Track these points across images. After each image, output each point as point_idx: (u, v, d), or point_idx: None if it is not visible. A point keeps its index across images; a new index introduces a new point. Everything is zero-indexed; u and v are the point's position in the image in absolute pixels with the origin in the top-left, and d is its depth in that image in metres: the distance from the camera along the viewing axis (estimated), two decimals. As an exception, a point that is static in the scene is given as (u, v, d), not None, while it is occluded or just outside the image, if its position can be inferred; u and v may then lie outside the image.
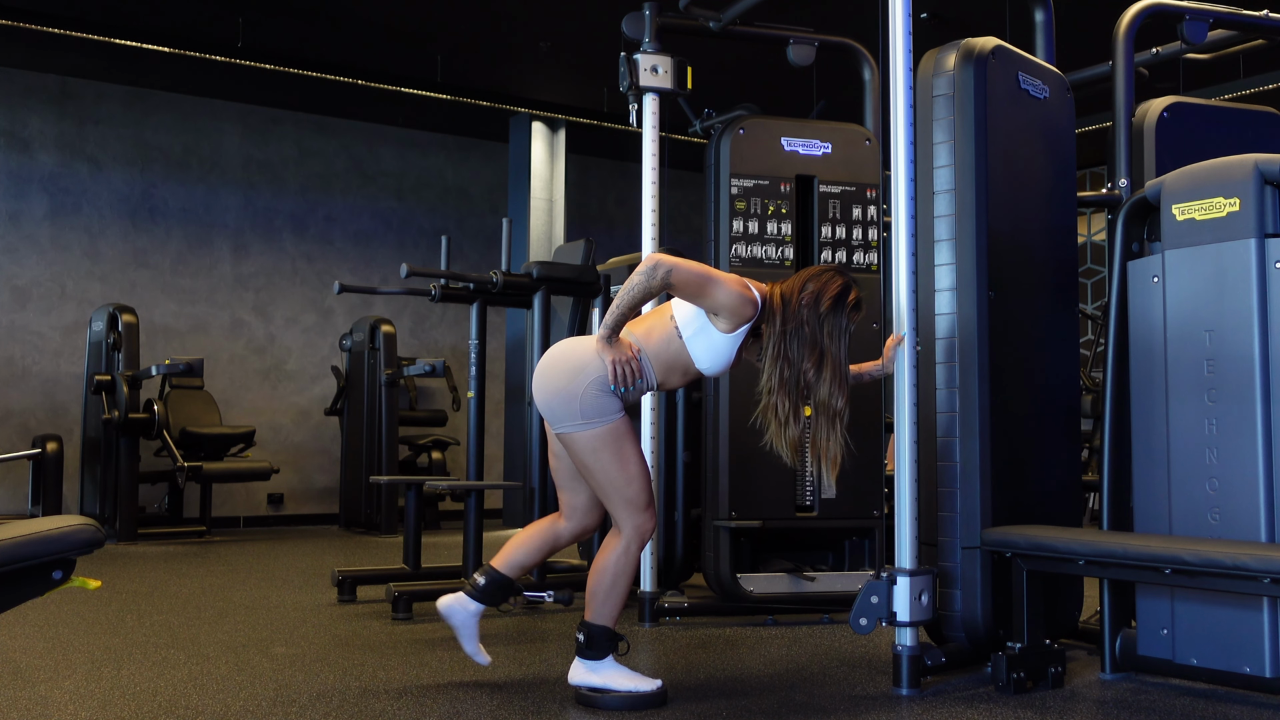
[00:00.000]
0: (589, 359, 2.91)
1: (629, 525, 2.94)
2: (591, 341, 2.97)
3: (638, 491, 2.94)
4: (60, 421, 8.11)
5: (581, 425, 2.89)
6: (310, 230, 9.20)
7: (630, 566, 2.96)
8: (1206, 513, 3.04)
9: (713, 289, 2.87)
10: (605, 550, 2.98)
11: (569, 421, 2.90)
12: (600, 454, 2.90)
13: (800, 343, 2.94)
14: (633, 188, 6.86)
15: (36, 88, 8.23)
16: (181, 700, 2.95)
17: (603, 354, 2.89)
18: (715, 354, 2.97)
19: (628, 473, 2.92)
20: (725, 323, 2.92)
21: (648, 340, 2.98)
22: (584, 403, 2.88)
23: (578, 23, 7.25)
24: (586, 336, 3.05)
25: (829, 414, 2.97)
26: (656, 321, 3.01)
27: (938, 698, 3.02)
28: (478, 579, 3.11)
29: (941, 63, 3.41)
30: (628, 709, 2.86)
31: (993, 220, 3.35)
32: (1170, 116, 3.74)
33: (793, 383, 2.95)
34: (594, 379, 2.89)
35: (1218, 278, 3.06)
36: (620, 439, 2.91)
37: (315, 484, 9.03)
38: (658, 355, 2.97)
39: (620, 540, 2.95)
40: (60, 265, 8.24)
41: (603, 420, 2.89)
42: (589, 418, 2.88)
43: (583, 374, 2.89)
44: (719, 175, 4.39)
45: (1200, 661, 3.05)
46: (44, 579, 2.08)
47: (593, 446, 2.90)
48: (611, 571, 2.95)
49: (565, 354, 2.97)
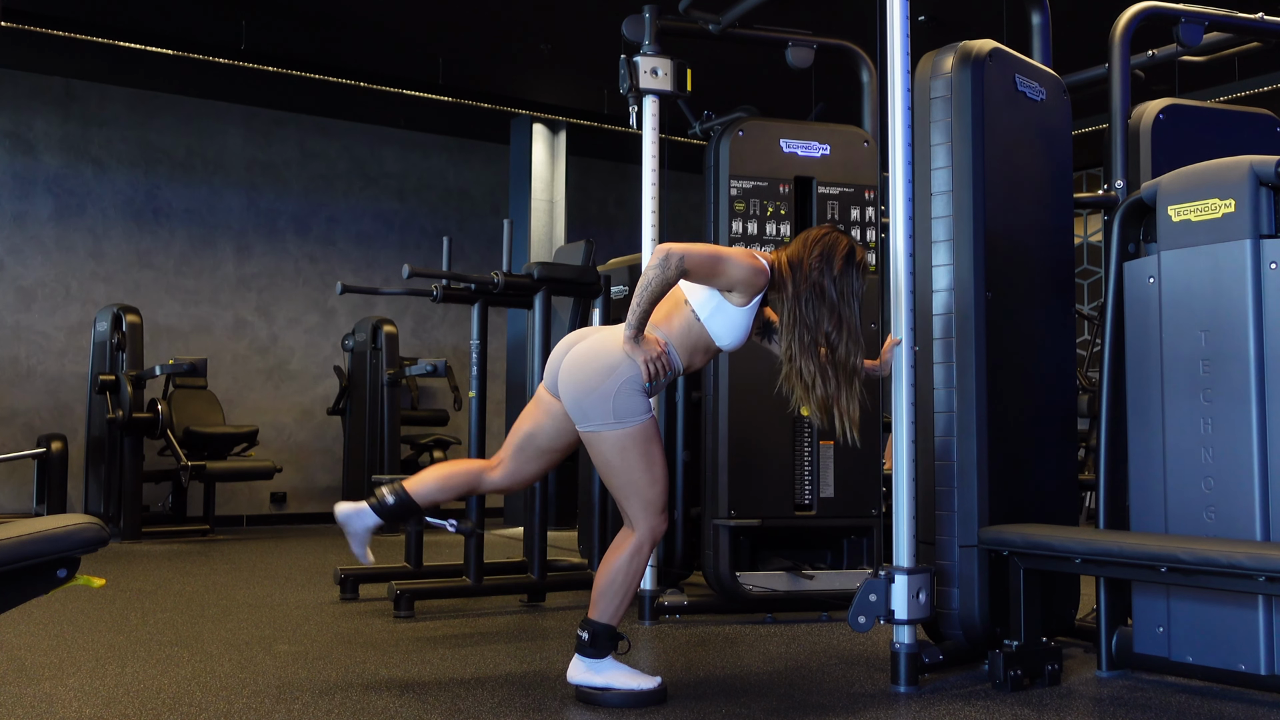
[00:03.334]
0: (620, 358, 2.91)
1: (644, 526, 2.96)
2: (614, 333, 2.97)
3: (659, 494, 2.96)
4: (65, 421, 8.14)
5: (613, 425, 2.90)
6: (313, 231, 9.23)
7: (641, 567, 2.98)
8: (1202, 511, 3.06)
9: (725, 267, 2.89)
10: (616, 549, 2.99)
11: (599, 421, 2.90)
12: (628, 454, 2.91)
13: (817, 305, 2.97)
14: (633, 189, 6.88)
15: (41, 90, 8.26)
16: (185, 697, 2.97)
17: (632, 354, 2.89)
18: (734, 329, 2.99)
19: (652, 474, 2.94)
20: (740, 297, 2.95)
21: (669, 329, 3.00)
22: (617, 403, 2.89)
23: (578, 25, 7.28)
24: (606, 328, 3.05)
25: (846, 372, 2.99)
26: (673, 309, 3.02)
27: (935, 695, 3.04)
28: (386, 495, 3.12)
29: (939, 65, 3.43)
30: (628, 706, 2.87)
31: (990, 221, 3.37)
32: (1166, 118, 3.76)
33: (812, 345, 2.97)
34: (626, 379, 2.89)
35: (1213, 278, 3.08)
36: (649, 440, 2.93)
37: (318, 483, 9.06)
38: (681, 341, 3.00)
39: (634, 540, 2.96)
40: (65, 266, 8.27)
41: (633, 420, 2.90)
42: (621, 418, 2.90)
43: (615, 374, 2.90)
44: (718, 177, 4.41)
45: (1196, 659, 3.06)
46: (48, 577, 2.10)
47: (621, 446, 2.91)
48: (623, 571, 2.96)
49: (596, 351, 2.95)
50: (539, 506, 4.68)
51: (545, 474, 3.50)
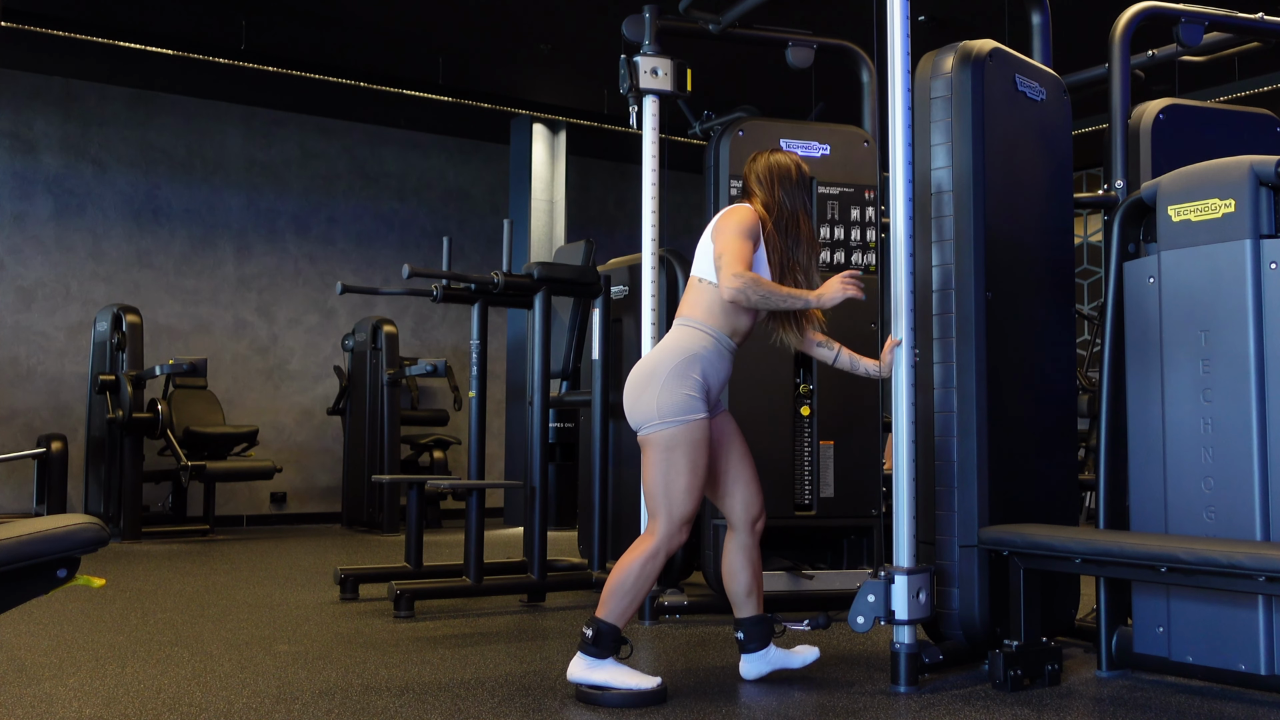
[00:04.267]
0: (660, 360, 2.99)
1: (664, 532, 2.97)
2: (658, 346, 3.06)
3: (690, 509, 2.98)
4: (65, 421, 8.14)
5: (657, 425, 2.94)
6: (313, 231, 9.23)
7: (654, 573, 2.99)
8: (1202, 511, 3.06)
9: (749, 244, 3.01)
10: (634, 551, 2.99)
11: (647, 422, 2.96)
12: (674, 453, 2.94)
13: (793, 233, 3.14)
14: (633, 189, 6.88)
15: (41, 90, 8.26)
16: (185, 697, 2.97)
17: (834, 295, 3.00)
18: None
19: (690, 483, 2.96)
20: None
21: (707, 314, 3.04)
22: (660, 402, 2.93)
23: (578, 25, 7.28)
24: (656, 345, 3.15)
25: (806, 273, 3.16)
26: (697, 296, 3.07)
27: (935, 695, 3.04)
28: (744, 639, 3.18)
29: (939, 65, 3.43)
30: (628, 706, 2.87)
31: (990, 221, 3.37)
32: (1166, 118, 3.76)
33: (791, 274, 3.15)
34: (667, 374, 2.95)
35: (1213, 278, 3.08)
36: (696, 446, 2.95)
37: (318, 483, 9.06)
38: (722, 321, 3.04)
39: (651, 544, 2.97)
40: (65, 266, 8.27)
41: (680, 419, 2.93)
42: (665, 415, 2.93)
43: (655, 375, 2.98)
44: (718, 176, 4.41)
45: (1196, 659, 3.07)
46: (49, 577, 2.09)
47: (670, 444, 2.94)
48: (636, 573, 2.96)
49: (641, 367, 3.06)
50: (539, 506, 4.68)
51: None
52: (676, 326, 3.09)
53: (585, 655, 2.97)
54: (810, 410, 4.48)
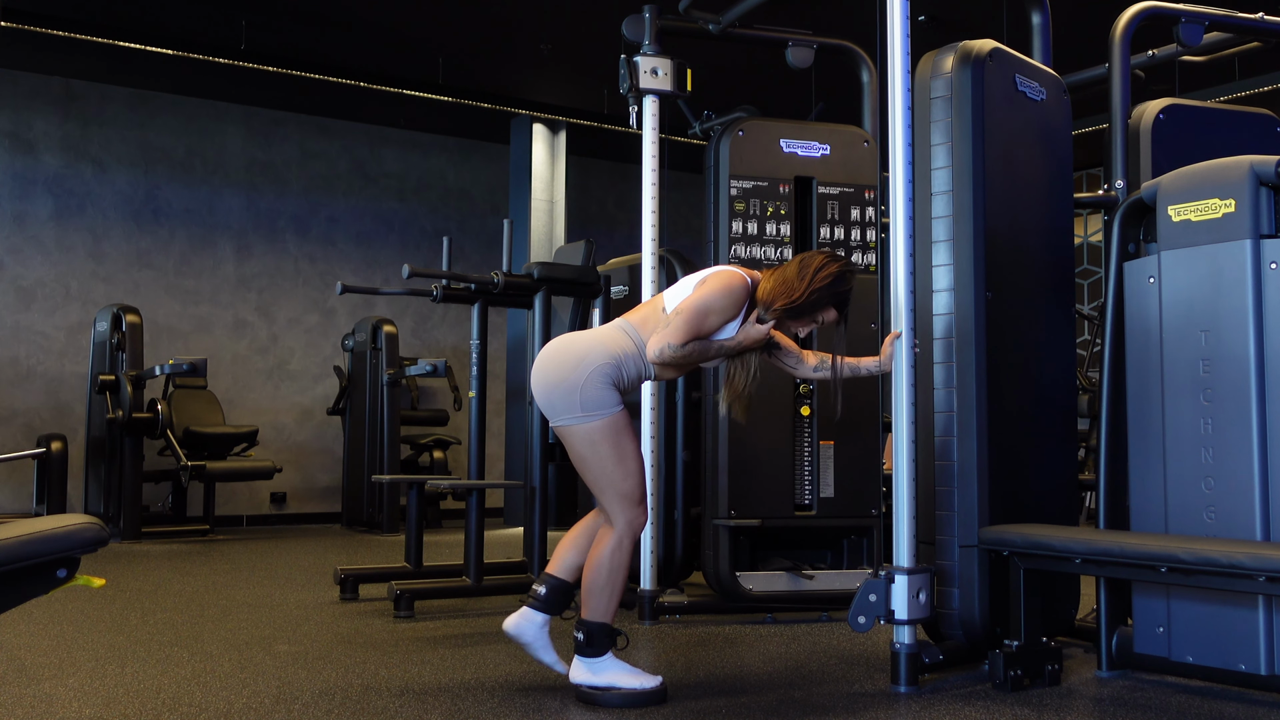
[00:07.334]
0: (589, 350, 2.94)
1: (622, 520, 2.96)
2: (590, 334, 3.01)
3: (634, 486, 2.96)
4: (65, 421, 8.14)
5: (581, 418, 2.91)
6: (313, 231, 9.23)
7: (625, 561, 2.97)
8: (1202, 511, 3.06)
9: (709, 319, 2.98)
10: (598, 546, 2.99)
11: (568, 414, 2.92)
12: (599, 446, 2.92)
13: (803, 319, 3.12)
14: (633, 189, 6.88)
15: (41, 90, 8.26)
16: (185, 697, 2.97)
17: (758, 339, 3.03)
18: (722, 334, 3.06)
19: (625, 467, 2.94)
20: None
21: (644, 330, 3.01)
22: (584, 394, 2.90)
23: (578, 25, 7.28)
24: (585, 331, 3.08)
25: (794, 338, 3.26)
26: (650, 313, 3.05)
27: (935, 695, 3.04)
28: (538, 589, 3.10)
29: (939, 65, 3.43)
30: (629, 706, 2.88)
31: (990, 221, 3.37)
32: (1166, 118, 3.76)
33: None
34: (595, 369, 2.91)
35: (1213, 278, 3.08)
36: (619, 432, 2.93)
37: (318, 483, 9.06)
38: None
39: (613, 535, 2.96)
40: (65, 266, 8.27)
41: (602, 413, 2.90)
42: (589, 410, 2.90)
43: (583, 365, 2.91)
44: (718, 177, 4.41)
45: (1196, 659, 3.07)
46: (48, 577, 2.09)
47: (591, 439, 2.91)
48: (607, 567, 2.96)
49: (565, 347, 2.99)
50: (539, 506, 4.68)
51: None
52: (617, 327, 3.03)
53: (583, 658, 2.97)
54: (810, 410, 4.48)
